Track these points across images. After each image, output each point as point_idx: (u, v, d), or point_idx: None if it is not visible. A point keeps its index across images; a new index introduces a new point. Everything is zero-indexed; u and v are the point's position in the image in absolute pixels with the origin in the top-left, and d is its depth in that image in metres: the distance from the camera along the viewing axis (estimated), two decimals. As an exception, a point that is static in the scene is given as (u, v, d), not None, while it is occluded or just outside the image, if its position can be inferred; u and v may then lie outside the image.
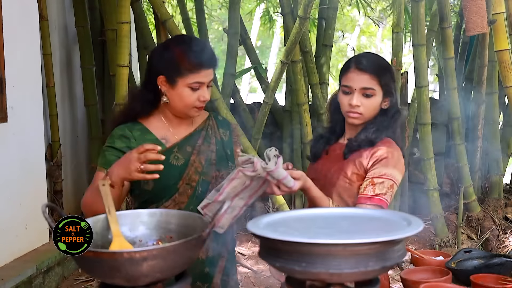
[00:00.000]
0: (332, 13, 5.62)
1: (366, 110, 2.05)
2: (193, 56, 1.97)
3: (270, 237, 1.39)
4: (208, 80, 2.01)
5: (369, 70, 2.03)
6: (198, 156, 2.07)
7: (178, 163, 2.04)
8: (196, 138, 2.10)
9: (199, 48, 2.00)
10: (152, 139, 2.03)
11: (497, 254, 2.30)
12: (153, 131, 2.06)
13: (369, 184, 1.98)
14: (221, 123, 2.21)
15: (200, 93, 2.00)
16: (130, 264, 1.41)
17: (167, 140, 2.07)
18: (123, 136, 2.02)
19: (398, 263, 1.44)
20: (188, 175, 2.04)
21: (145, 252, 1.41)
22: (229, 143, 2.18)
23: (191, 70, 1.96)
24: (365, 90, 2.03)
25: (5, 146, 3.88)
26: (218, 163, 2.09)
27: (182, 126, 2.11)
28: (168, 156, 2.01)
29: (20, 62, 4.04)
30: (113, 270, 1.42)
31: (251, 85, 15.90)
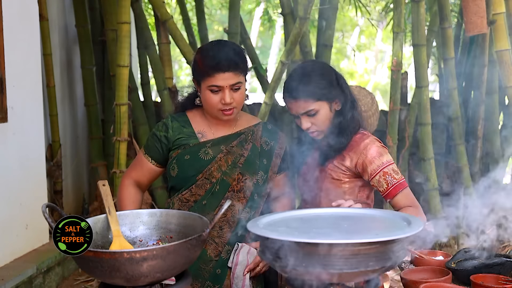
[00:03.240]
0: (332, 14, 5.61)
1: (319, 125, 2.11)
2: (208, 60, 2.04)
3: (270, 237, 1.39)
4: (227, 83, 2.03)
5: (301, 95, 2.07)
6: (226, 156, 2.12)
7: (205, 158, 2.12)
8: (232, 139, 2.16)
9: (216, 52, 2.04)
10: (189, 132, 2.16)
11: (497, 254, 2.30)
12: (193, 125, 2.18)
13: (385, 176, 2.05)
14: (267, 131, 2.24)
15: (221, 96, 2.04)
16: (130, 264, 1.41)
17: (203, 135, 2.17)
18: (164, 125, 2.19)
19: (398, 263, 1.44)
20: (209, 170, 2.11)
21: (145, 252, 1.41)
22: (270, 152, 2.20)
23: (207, 73, 2.04)
24: (307, 112, 2.09)
25: (5, 146, 3.88)
26: (244, 167, 2.13)
27: (223, 126, 2.18)
28: (199, 149, 2.12)
29: (20, 62, 4.04)
30: (113, 270, 1.42)
31: (251, 85, 15.90)
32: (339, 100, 2.13)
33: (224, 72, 2.02)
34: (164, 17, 4.86)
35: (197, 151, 2.13)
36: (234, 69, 2.04)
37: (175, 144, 2.15)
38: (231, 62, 2.03)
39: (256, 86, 15.50)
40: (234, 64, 2.04)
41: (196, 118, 2.21)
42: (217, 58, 2.02)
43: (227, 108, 2.07)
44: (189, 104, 2.23)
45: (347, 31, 12.75)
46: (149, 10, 6.92)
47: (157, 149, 2.18)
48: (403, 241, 1.45)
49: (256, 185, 2.14)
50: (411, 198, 2.08)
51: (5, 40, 3.81)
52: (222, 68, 2.02)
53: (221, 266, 2.10)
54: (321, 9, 5.75)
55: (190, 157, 2.12)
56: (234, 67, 2.04)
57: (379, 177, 2.07)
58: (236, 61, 2.05)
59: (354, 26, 13.29)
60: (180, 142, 2.15)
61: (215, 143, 2.15)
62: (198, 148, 2.13)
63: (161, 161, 2.20)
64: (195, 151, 2.13)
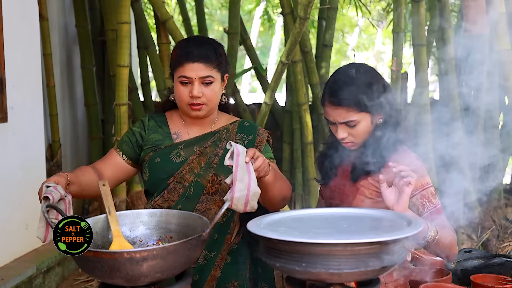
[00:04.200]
0: (332, 14, 5.62)
1: (356, 137, 1.92)
2: (180, 50, 1.98)
3: (270, 237, 1.39)
4: (197, 75, 1.95)
5: (344, 103, 1.87)
6: (199, 157, 2.03)
7: (177, 160, 2.03)
8: (206, 139, 2.06)
9: (190, 43, 2.00)
10: (164, 132, 2.09)
11: (497, 254, 2.31)
12: (170, 125, 2.11)
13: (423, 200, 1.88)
14: (243, 128, 2.12)
15: (190, 89, 1.96)
16: (130, 264, 1.41)
17: (178, 136, 2.09)
18: (142, 123, 2.13)
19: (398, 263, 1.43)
20: (180, 174, 2.01)
21: (145, 252, 1.41)
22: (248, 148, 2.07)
23: (178, 63, 1.97)
24: (346, 123, 1.89)
25: (5, 146, 3.88)
26: (218, 168, 2.01)
27: (200, 127, 2.10)
28: (170, 151, 2.04)
29: (20, 62, 4.03)
30: (113, 270, 1.42)
31: (251, 85, 15.90)
32: (383, 113, 1.91)
33: (194, 62, 1.94)
34: (164, 17, 4.86)
35: (168, 153, 2.04)
36: (205, 60, 1.96)
37: (147, 144, 2.07)
38: (202, 53, 1.96)
39: (256, 86, 15.51)
40: (205, 55, 1.96)
41: (173, 118, 2.13)
42: (188, 48, 1.97)
43: (195, 102, 1.97)
44: (169, 105, 2.16)
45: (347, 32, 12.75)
46: (149, 10, 6.93)
47: (130, 143, 2.09)
48: (403, 241, 1.45)
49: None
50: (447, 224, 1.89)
51: (5, 40, 3.81)
52: (191, 57, 1.95)
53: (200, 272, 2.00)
54: (321, 9, 5.75)
55: (161, 160, 2.03)
56: (205, 59, 1.96)
57: (416, 200, 1.88)
58: (208, 54, 1.97)
59: (354, 26, 13.30)
60: (153, 143, 2.07)
61: (188, 144, 2.05)
62: (169, 150, 2.04)
63: (132, 157, 2.08)
64: (166, 153, 2.04)
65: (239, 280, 2.07)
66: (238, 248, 2.10)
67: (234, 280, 2.06)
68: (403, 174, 1.73)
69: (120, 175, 2.09)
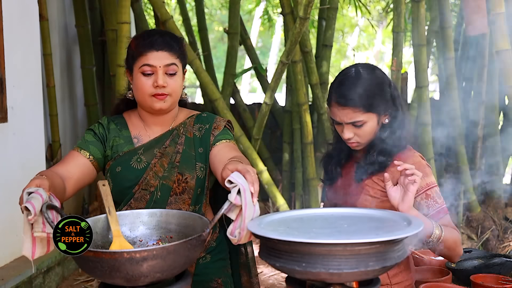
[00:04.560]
0: (332, 14, 5.62)
1: (362, 137, 1.92)
2: (141, 40, 1.92)
3: (270, 237, 1.39)
4: (161, 63, 1.88)
5: (351, 103, 1.86)
6: (161, 159, 1.96)
7: (139, 166, 1.95)
8: (165, 139, 1.99)
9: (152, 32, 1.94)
10: (125, 136, 2.00)
11: (497, 254, 2.31)
12: (130, 128, 2.02)
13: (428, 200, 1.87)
14: (200, 118, 2.04)
15: (154, 79, 1.88)
16: (130, 264, 1.40)
17: (139, 140, 2.00)
18: (101, 125, 2.02)
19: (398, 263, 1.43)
20: (145, 180, 1.94)
21: (145, 252, 1.41)
22: (205, 137, 2.00)
23: (140, 52, 1.89)
24: (353, 123, 1.89)
25: (5, 146, 3.88)
26: (182, 166, 1.96)
27: (160, 126, 2.01)
28: (130, 158, 1.96)
29: (20, 62, 4.04)
30: (113, 270, 1.42)
31: (251, 85, 15.90)
32: (389, 114, 1.92)
33: (158, 51, 1.88)
34: (164, 17, 4.86)
35: (128, 160, 1.95)
36: (169, 49, 1.90)
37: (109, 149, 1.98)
38: (165, 41, 1.90)
39: (256, 86, 15.51)
40: (169, 44, 1.90)
41: (132, 119, 2.03)
42: (151, 37, 1.91)
43: (159, 93, 1.88)
44: (124, 104, 2.06)
45: (346, 32, 12.75)
46: (149, 10, 6.93)
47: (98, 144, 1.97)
48: (403, 241, 1.45)
49: (198, 179, 1.96)
50: (452, 225, 1.89)
51: (5, 40, 3.81)
52: (155, 45, 1.88)
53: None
54: (321, 9, 5.76)
55: (122, 168, 1.94)
56: (169, 47, 1.90)
57: (421, 199, 1.87)
58: (171, 43, 1.91)
59: (354, 26, 13.30)
60: (115, 148, 1.98)
61: (148, 147, 1.97)
62: (129, 156, 1.95)
63: (99, 159, 1.96)
64: (126, 160, 1.95)
65: (222, 276, 2.06)
66: (217, 246, 2.09)
67: (217, 278, 2.05)
68: (408, 172, 1.73)
69: (84, 178, 1.92)
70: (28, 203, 1.42)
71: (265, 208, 5.81)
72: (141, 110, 2.00)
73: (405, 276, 1.95)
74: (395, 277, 1.93)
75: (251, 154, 5.10)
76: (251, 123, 5.73)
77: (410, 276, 1.97)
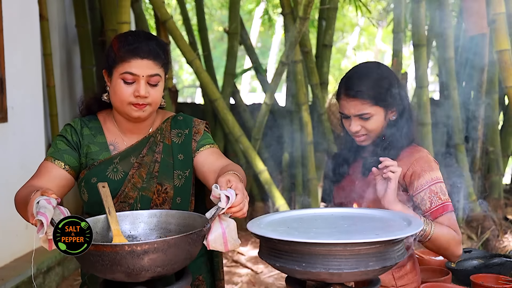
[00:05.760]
0: (332, 14, 5.62)
1: (369, 131, 1.94)
2: (125, 44, 1.77)
3: (270, 237, 1.39)
4: (144, 73, 1.75)
5: (359, 95, 1.90)
6: (139, 170, 1.85)
7: (116, 177, 1.83)
8: (142, 147, 1.87)
9: (136, 36, 1.80)
10: (100, 142, 1.87)
11: (497, 254, 2.31)
12: (106, 133, 1.88)
13: (431, 195, 1.87)
14: (177, 123, 1.93)
15: (135, 88, 1.75)
16: (131, 257, 1.40)
17: (115, 147, 1.87)
18: (73, 129, 1.87)
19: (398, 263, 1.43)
20: (123, 193, 1.84)
21: (146, 245, 1.40)
22: (186, 144, 1.89)
23: (122, 58, 1.75)
24: (360, 115, 1.91)
25: (5, 146, 3.88)
26: (161, 176, 1.85)
27: (135, 132, 1.89)
28: (106, 168, 1.83)
29: (20, 62, 4.04)
30: (114, 264, 1.42)
31: (251, 85, 15.90)
32: (396, 110, 1.95)
33: (142, 59, 1.74)
34: (164, 17, 4.86)
35: (103, 170, 1.82)
36: (154, 58, 1.76)
37: (83, 157, 1.84)
38: (151, 49, 1.76)
39: (256, 86, 15.51)
40: (155, 52, 1.77)
41: (107, 124, 1.89)
42: (136, 43, 1.76)
43: (139, 103, 1.76)
44: (97, 104, 1.90)
45: (346, 31, 12.75)
46: (149, 10, 6.93)
47: (71, 150, 1.83)
48: (403, 241, 1.45)
49: (176, 188, 1.87)
50: (453, 223, 1.87)
51: (5, 40, 3.82)
52: (140, 53, 1.74)
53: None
54: (321, 9, 5.76)
55: (98, 179, 1.79)
56: (155, 56, 1.76)
57: (424, 194, 1.87)
58: (157, 50, 1.78)
59: (354, 26, 13.30)
60: (90, 156, 1.84)
61: (124, 155, 1.84)
62: (104, 166, 1.82)
63: (76, 167, 1.83)
64: (101, 171, 1.82)
65: (203, 273, 2.04)
66: None
67: (198, 275, 2.03)
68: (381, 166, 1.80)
69: (64, 189, 1.81)
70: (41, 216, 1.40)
71: (265, 208, 5.81)
72: (117, 115, 1.87)
73: (411, 278, 1.94)
74: (401, 279, 1.92)
75: (251, 154, 5.10)
76: (251, 123, 5.73)
77: (416, 278, 1.96)
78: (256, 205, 5.93)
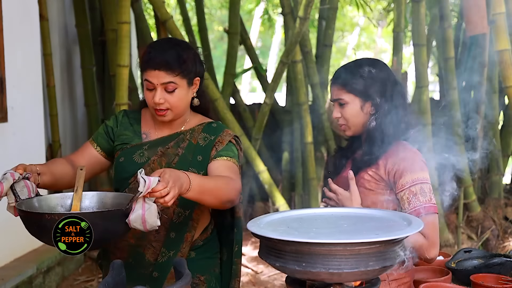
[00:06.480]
0: (332, 14, 5.62)
1: (346, 119, 2.01)
2: (147, 52, 1.97)
3: (270, 237, 1.39)
4: (158, 82, 1.93)
5: (337, 82, 2.02)
6: (160, 158, 2.03)
7: (139, 160, 2.03)
8: (170, 140, 2.05)
9: (155, 48, 1.97)
10: (135, 130, 2.10)
11: (497, 254, 2.30)
12: (143, 123, 2.12)
13: (410, 196, 1.88)
14: (209, 128, 2.08)
15: (154, 93, 1.95)
16: (51, 224, 1.53)
17: (147, 136, 2.09)
18: (115, 118, 2.14)
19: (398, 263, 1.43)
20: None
21: (63, 215, 1.53)
22: (207, 148, 2.03)
23: (142, 67, 1.98)
24: (337, 101, 2.01)
25: (5, 146, 3.88)
26: (177, 168, 1.97)
27: (168, 128, 2.08)
28: (134, 151, 2.04)
29: (20, 62, 4.04)
30: (41, 228, 1.57)
31: (251, 85, 15.90)
32: (373, 105, 1.98)
33: (155, 70, 1.93)
34: (164, 17, 4.86)
35: (132, 152, 2.05)
36: (166, 68, 1.93)
37: (118, 141, 2.09)
38: (163, 61, 1.93)
39: (256, 86, 15.51)
40: (166, 64, 1.93)
41: (147, 117, 2.13)
42: (151, 54, 1.95)
43: (158, 108, 1.96)
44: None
45: (346, 31, 12.75)
46: (149, 10, 6.93)
47: (105, 136, 2.11)
48: (403, 241, 1.45)
49: None
50: (430, 227, 1.85)
51: (5, 40, 3.82)
52: (152, 65, 1.93)
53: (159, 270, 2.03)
54: (321, 9, 5.76)
55: (124, 159, 2.04)
56: (166, 67, 1.93)
57: (403, 194, 1.89)
58: (169, 61, 1.93)
59: (354, 26, 13.30)
60: (123, 140, 2.08)
61: (153, 144, 2.05)
62: (134, 150, 2.05)
63: (107, 150, 2.11)
64: (130, 153, 2.05)
65: (206, 274, 2.08)
66: (203, 245, 2.10)
67: (200, 274, 2.07)
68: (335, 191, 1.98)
69: (94, 166, 2.10)
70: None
71: (265, 208, 5.81)
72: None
73: (403, 273, 1.95)
74: (391, 273, 1.92)
75: (251, 154, 5.10)
76: (251, 123, 5.73)
77: (408, 273, 1.97)
78: (256, 205, 5.93)
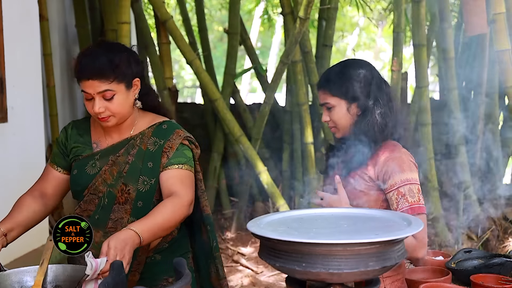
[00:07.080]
0: (332, 14, 5.62)
1: (334, 122, 2.03)
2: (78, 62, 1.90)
3: (270, 237, 1.39)
4: (95, 91, 1.86)
5: (321, 86, 2.03)
6: (111, 168, 1.98)
7: (91, 172, 1.99)
8: (120, 148, 1.99)
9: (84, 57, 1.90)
10: (85, 141, 2.04)
11: (497, 254, 2.30)
12: (92, 132, 2.06)
13: (398, 197, 1.88)
14: (159, 130, 2.00)
15: (93, 104, 1.89)
16: None
17: (98, 145, 2.03)
18: (65, 131, 2.09)
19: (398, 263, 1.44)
20: (94, 186, 1.98)
21: None
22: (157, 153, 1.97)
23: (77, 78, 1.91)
24: (324, 105, 2.03)
25: (5, 146, 3.88)
26: (127, 177, 1.96)
27: (117, 133, 2.02)
28: (86, 163, 2.00)
29: (20, 62, 4.03)
30: None
31: (251, 85, 15.90)
32: (359, 106, 1.98)
33: (88, 80, 1.86)
34: (164, 17, 4.86)
35: (85, 164, 2.00)
36: (99, 77, 1.85)
37: (71, 154, 2.04)
38: (95, 70, 1.85)
39: (256, 86, 15.50)
40: (99, 71, 1.85)
41: (96, 125, 2.05)
42: (82, 63, 1.87)
43: (100, 117, 1.90)
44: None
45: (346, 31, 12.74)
46: (149, 10, 6.93)
47: (61, 155, 2.06)
48: (403, 241, 1.45)
49: (138, 192, 1.96)
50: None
51: (5, 40, 3.81)
52: (85, 75, 1.86)
53: None
54: (321, 9, 5.76)
55: (77, 172, 2.00)
56: (99, 75, 1.85)
57: (392, 195, 1.90)
58: (101, 69, 1.85)
59: (354, 26, 13.30)
60: (75, 152, 2.03)
61: (104, 153, 1.99)
62: (87, 160, 2.00)
63: (67, 167, 2.06)
64: (83, 165, 2.00)
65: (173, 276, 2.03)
66: (170, 246, 2.07)
67: (168, 277, 2.04)
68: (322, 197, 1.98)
69: (62, 187, 2.08)
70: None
71: (265, 208, 5.81)
72: None
73: (396, 270, 1.96)
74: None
75: (251, 154, 5.10)
76: (251, 123, 5.73)
77: (400, 270, 1.98)
78: (256, 205, 5.93)
